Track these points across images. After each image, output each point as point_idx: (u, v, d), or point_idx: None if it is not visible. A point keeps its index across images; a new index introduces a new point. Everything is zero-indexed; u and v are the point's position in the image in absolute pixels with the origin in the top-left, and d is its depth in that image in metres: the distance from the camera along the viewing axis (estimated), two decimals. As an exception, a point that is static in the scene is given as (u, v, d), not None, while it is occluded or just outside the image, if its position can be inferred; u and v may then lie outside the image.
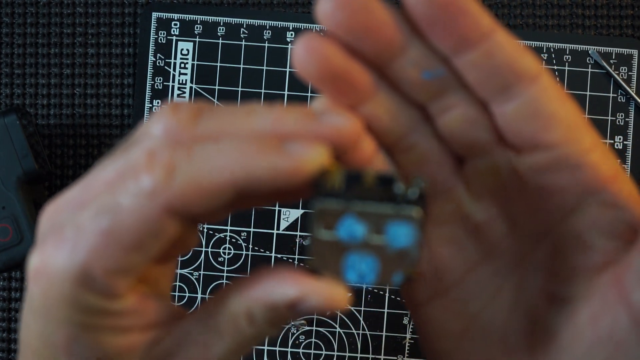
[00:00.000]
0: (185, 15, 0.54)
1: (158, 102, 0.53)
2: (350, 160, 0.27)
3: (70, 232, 0.26)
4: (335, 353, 0.53)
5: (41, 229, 0.27)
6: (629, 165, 0.53)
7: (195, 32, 0.54)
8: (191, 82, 0.54)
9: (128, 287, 0.26)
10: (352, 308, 0.53)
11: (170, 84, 0.54)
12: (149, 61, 0.53)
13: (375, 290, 0.53)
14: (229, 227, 0.54)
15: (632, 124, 0.53)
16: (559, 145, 0.27)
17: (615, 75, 0.53)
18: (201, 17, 0.54)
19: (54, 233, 0.26)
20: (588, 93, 0.53)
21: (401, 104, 0.28)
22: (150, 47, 0.53)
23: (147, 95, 0.53)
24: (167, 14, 0.54)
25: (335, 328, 0.53)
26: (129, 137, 0.27)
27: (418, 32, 0.27)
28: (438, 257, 0.30)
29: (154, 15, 0.54)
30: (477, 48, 0.27)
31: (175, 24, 0.53)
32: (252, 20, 0.54)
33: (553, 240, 0.29)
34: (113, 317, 0.27)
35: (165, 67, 0.53)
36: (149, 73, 0.53)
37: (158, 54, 0.54)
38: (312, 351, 0.53)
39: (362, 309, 0.53)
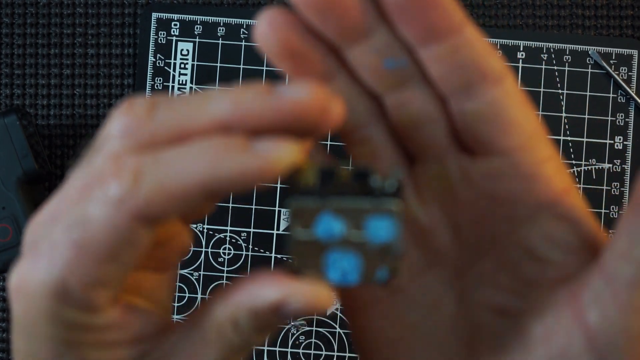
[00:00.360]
0: (185, 16, 0.53)
1: (158, 103, 0.53)
2: (323, 130, 0.26)
3: (45, 247, 0.25)
4: (335, 353, 0.53)
5: (24, 245, 0.27)
6: (629, 165, 0.53)
7: (195, 32, 0.53)
8: (191, 82, 0.53)
9: (108, 300, 0.26)
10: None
11: (170, 84, 0.53)
12: (149, 61, 0.53)
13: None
14: (229, 228, 0.53)
15: (632, 124, 0.53)
16: (515, 153, 0.27)
17: (615, 76, 0.53)
18: (201, 17, 0.53)
19: (31, 249, 0.26)
20: (588, 93, 0.53)
21: (358, 94, 0.28)
22: (150, 48, 0.53)
23: (147, 96, 0.53)
24: (167, 15, 0.53)
25: (336, 328, 0.53)
26: (95, 140, 0.27)
27: (385, 18, 0.26)
28: None
29: (154, 15, 0.53)
30: (444, 41, 0.26)
31: (175, 25, 0.53)
32: (252, 21, 0.53)
33: (501, 251, 0.28)
34: (96, 332, 0.26)
35: (165, 67, 0.53)
36: (148, 73, 0.53)
37: (158, 55, 0.53)
38: (312, 351, 0.53)
39: (362, 309, 0.53)
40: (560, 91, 0.53)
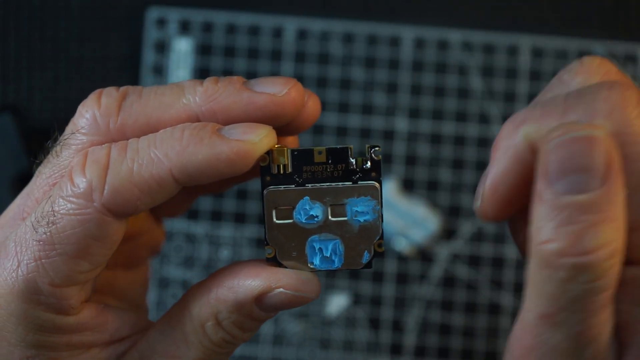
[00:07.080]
0: (183, 13, 0.53)
1: (155, 101, 0.53)
2: (298, 125, 0.26)
3: (12, 247, 0.25)
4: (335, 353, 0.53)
5: None
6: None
7: (194, 30, 0.53)
8: (189, 80, 0.53)
9: (80, 298, 0.25)
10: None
11: (168, 82, 0.53)
12: (146, 59, 0.53)
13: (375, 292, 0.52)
14: (232, 229, 0.53)
15: (636, 125, 0.53)
16: None
17: (620, 75, 0.53)
18: (200, 15, 0.53)
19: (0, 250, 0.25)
20: (592, 93, 0.53)
21: None
22: (148, 45, 0.53)
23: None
24: (165, 12, 0.53)
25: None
26: (63, 134, 0.26)
27: None
28: None
29: (152, 12, 0.53)
30: None
31: (173, 22, 0.53)
32: (252, 20, 0.53)
33: None
34: (69, 334, 0.26)
35: (163, 65, 0.53)
36: (146, 71, 0.53)
37: (155, 52, 0.53)
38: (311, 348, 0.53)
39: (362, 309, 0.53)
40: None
